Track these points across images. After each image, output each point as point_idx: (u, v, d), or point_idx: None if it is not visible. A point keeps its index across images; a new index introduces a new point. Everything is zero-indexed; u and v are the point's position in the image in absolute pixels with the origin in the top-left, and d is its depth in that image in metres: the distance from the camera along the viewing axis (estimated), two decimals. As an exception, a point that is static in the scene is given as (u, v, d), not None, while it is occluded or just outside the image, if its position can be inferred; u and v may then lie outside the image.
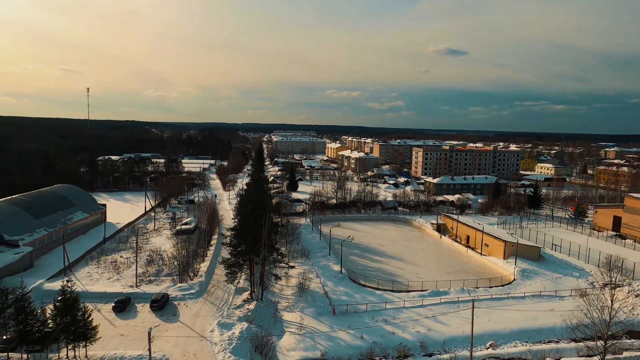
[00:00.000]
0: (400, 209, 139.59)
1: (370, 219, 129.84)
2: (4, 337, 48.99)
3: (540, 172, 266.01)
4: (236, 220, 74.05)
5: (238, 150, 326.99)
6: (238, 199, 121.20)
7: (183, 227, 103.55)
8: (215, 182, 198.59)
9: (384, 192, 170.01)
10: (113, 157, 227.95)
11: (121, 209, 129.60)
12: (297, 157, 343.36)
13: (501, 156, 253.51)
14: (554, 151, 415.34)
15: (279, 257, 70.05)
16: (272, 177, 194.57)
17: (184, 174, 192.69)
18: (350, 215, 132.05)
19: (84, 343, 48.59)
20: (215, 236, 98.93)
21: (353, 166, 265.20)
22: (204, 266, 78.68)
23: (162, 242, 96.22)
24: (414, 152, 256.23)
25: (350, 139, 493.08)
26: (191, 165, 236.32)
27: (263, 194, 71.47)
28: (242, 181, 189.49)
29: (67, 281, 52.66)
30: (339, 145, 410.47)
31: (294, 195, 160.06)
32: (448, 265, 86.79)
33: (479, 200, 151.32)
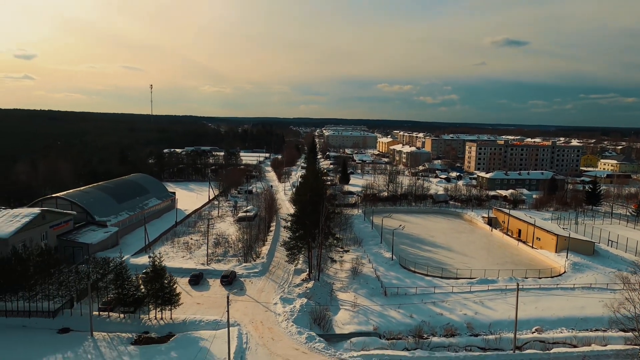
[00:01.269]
0: (451, 202, 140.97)
1: (421, 211, 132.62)
2: (105, 299, 58.28)
3: (603, 169, 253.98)
4: (295, 207, 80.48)
5: (291, 144, 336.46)
6: (294, 189, 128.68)
7: (244, 214, 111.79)
8: (271, 174, 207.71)
9: (435, 186, 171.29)
10: (177, 150, 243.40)
11: (187, 197, 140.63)
12: (348, 151, 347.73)
13: (560, 152, 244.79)
14: (620, 147, 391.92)
15: (335, 241, 75.64)
16: (324, 170, 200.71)
17: (242, 166, 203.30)
18: (401, 207, 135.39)
19: (168, 307, 56.69)
20: (274, 223, 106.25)
21: (404, 160, 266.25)
22: (265, 249, 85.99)
23: (226, 227, 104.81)
24: (467, 147, 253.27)
25: (401, 133, 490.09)
26: (248, 158, 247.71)
27: (320, 183, 77.23)
28: (296, 174, 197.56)
29: (150, 257, 61.23)
30: (391, 139, 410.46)
31: (346, 187, 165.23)
32: (498, 256, 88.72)
33: (534, 196, 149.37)
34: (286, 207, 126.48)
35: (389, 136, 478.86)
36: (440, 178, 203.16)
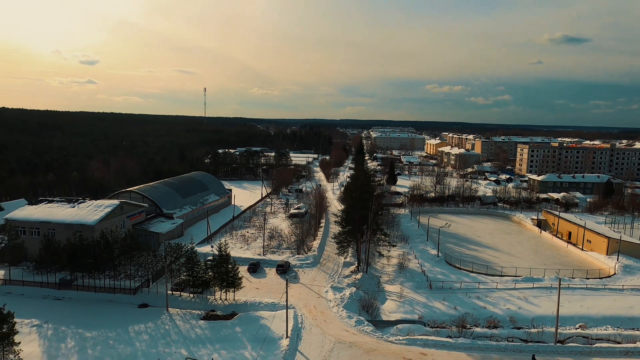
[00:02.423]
0: (499, 204, 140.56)
1: (468, 212, 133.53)
2: (177, 280, 65.82)
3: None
4: (344, 204, 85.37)
5: (339, 146, 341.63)
6: (342, 189, 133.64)
7: (296, 211, 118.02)
8: (319, 175, 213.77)
9: (484, 188, 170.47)
10: (231, 150, 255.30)
11: (241, 195, 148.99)
12: (395, 152, 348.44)
13: (620, 154, 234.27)
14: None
15: (383, 236, 79.82)
16: (372, 172, 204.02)
17: (291, 166, 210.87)
18: (448, 208, 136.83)
19: (232, 289, 63.25)
20: (324, 220, 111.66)
21: (453, 162, 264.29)
22: (315, 243, 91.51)
23: (279, 222, 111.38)
24: (518, 149, 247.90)
25: (450, 135, 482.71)
26: (297, 158, 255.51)
27: (369, 181, 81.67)
28: (344, 174, 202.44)
29: (212, 247, 68.18)
30: (439, 141, 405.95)
31: (393, 188, 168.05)
32: (545, 257, 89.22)
33: (588, 200, 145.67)
34: (334, 206, 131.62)
35: (438, 138, 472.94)
36: (490, 180, 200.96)
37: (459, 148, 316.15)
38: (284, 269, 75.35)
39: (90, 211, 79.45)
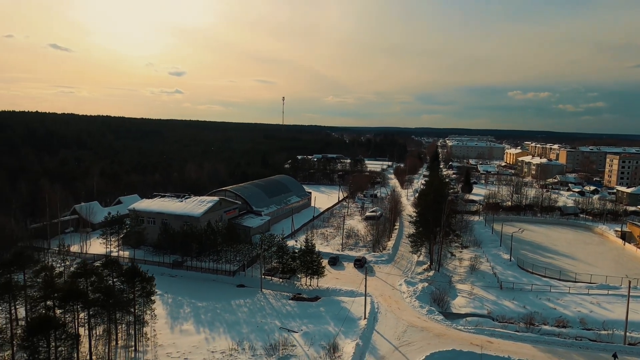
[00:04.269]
0: (581, 215, 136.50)
1: (547, 222, 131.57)
2: (269, 266, 75.84)
3: None
4: (418, 207, 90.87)
5: (413, 154, 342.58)
6: (416, 195, 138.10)
7: (371, 214, 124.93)
8: (393, 181, 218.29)
9: (566, 199, 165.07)
10: (308, 157, 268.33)
11: (319, 198, 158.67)
12: (472, 161, 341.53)
13: None
14: None
15: (455, 237, 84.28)
16: (447, 180, 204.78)
17: (367, 173, 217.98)
18: (526, 217, 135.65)
19: (316, 277, 71.83)
20: (398, 223, 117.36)
21: (533, 172, 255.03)
22: (390, 243, 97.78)
23: (355, 224, 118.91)
24: (608, 160, 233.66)
25: (533, 144, 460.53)
26: (372, 165, 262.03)
27: (443, 185, 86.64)
28: (418, 182, 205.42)
29: (296, 241, 77.28)
30: (520, 150, 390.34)
31: (468, 196, 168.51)
32: (627, 269, 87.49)
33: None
34: (408, 211, 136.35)
35: (519, 147, 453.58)
36: (573, 191, 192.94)
37: (540, 158, 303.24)
38: (361, 264, 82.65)
39: (195, 205, 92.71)
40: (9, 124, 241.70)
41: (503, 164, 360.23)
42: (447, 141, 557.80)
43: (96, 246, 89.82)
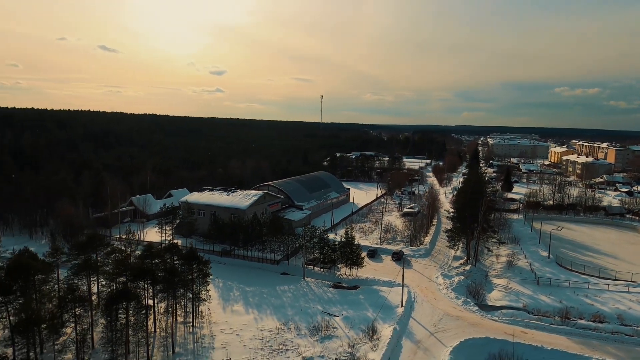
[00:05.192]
0: (628, 216, 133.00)
1: (590, 221, 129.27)
2: (310, 257, 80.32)
3: None
4: (456, 204, 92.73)
5: (452, 152, 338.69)
6: (454, 192, 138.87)
7: (409, 210, 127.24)
8: (432, 179, 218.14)
9: (611, 199, 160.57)
10: (347, 154, 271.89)
11: (358, 194, 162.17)
12: (514, 160, 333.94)
13: None
14: None
15: (492, 233, 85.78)
16: (486, 178, 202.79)
17: (405, 170, 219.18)
18: (567, 216, 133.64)
19: (355, 267, 75.67)
20: (435, 219, 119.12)
21: (579, 171, 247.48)
22: (427, 239, 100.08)
23: (393, 219, 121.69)
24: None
25: (580, 142, 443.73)
26: (410, 163, 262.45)
27: (481, 182, 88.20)
28: (457, 180, 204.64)
29: (335, 234, 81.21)
30: (565, 149, 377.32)
31: (508, 195, 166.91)
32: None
33: None
34: (446, 208, 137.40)
35: (565, 146, 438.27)
36: (621, 191, 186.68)
37: (587, 157, 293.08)
38: (398, 257, 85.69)
39: (242, 198, 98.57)
40: (67, 122, 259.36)
41: (547, 163, 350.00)
42: (489, 139, 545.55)
43: (151, 235, 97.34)
